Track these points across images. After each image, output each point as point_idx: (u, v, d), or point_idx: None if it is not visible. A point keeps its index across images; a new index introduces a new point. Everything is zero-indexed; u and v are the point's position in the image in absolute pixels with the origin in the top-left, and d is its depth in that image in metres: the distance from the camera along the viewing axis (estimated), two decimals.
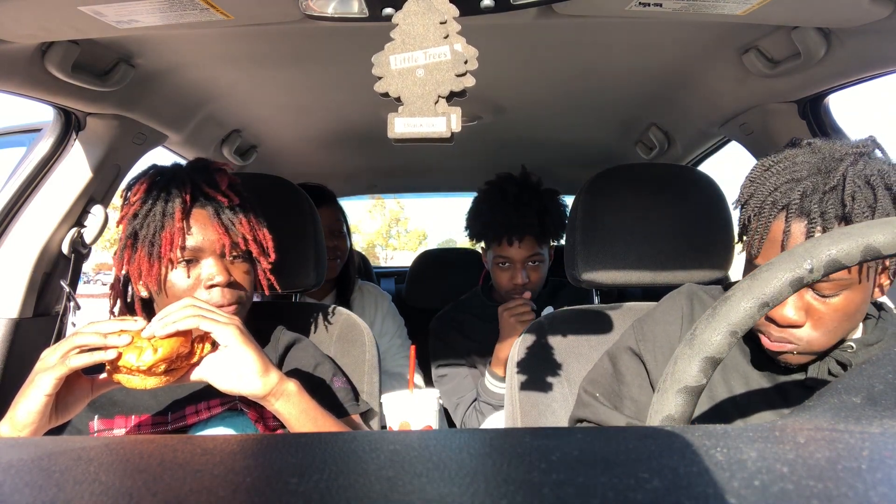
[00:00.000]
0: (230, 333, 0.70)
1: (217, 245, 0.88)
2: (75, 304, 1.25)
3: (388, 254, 32.81)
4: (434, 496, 0.24)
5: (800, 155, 0.74)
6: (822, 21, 0.86)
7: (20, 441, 0.38)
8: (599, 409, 0.89)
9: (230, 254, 0.90)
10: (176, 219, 0.85)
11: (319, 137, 1.77)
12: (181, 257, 0.86)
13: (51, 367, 0.65)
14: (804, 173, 0.71)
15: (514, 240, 1.41)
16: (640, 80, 1.30)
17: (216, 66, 1.18)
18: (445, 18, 0.49)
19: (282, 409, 0.74)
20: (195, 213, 0.88)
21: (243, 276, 0.91)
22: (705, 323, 0.44)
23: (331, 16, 0.75)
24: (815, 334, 0.71)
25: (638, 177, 1.14)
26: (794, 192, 0.70)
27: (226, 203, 0.90)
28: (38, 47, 0.90)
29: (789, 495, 0.23)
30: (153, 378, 0.68)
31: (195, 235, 0.87)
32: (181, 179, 0.89)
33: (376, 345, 1.14)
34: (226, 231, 0.89)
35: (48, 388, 0.64)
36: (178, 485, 0.25)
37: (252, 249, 0.92)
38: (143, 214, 0.87)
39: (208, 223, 0.88)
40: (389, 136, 0.49)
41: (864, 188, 0.68)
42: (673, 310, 0.90)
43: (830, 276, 0.65)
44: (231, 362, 0.71)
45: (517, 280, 1.43)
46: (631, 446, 0.30)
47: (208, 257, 0.88)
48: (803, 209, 0.70)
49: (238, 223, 0.90)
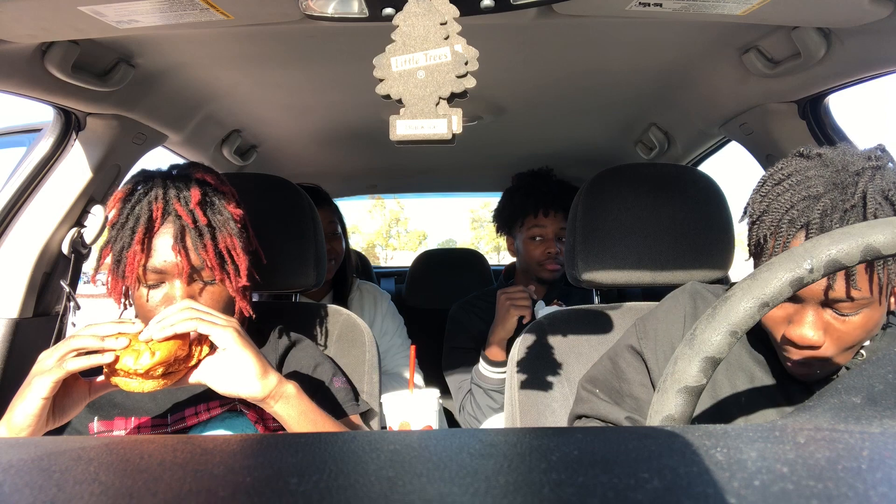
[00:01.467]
0: (228, 336, 0.70)
1: (178, 269, 0.82)
2: (75, 304, 1.25)
3: (388, 254, 32.82)
4: (434, 496, 0.24)
5: (811, 168, 0.72)
6: (822, 21, 0.86)
7: (20, 441, 0.38)
8: (599, 403, 0.89)
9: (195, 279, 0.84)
10: (136, 239, 0.81)
11: (320, 137, 1.77)
12: (146, 279, 0.82)
13: (47, 371, 0.65)
14: (820, 189, 0.69)
15: (550, 210, 1.58)
16: (640, 80, 1.30)
17: (216, 66, 1.18)
18: (446, 19, 0.49)
19: (280, 411, 0.74)
20: (161, 232, 0.83)
21: (211, 301, 0.85)
22: (705, 323, 0.44)
23: (331, 16, 0.75)
24: (836, 351, 0.70)
25: (638, 177, 1.14)
26: (813, 211, 0.68)
27: (191, 224, 0.83)
28: (38, 47, 0.90)
29: (789, 495, 0.23)
30: (151, 381, 0.67)
31: (158, 258, 0.82)
32: (155, 195, 0.84)
33: (376, 345, 1.15)
34: (186, 256, 0.82)
35: (45, 391, 0.64)
36: (178, 485, 0.25)
37: (215, 276, 0.85)
38: (117, 227, 0.84)
39: (171, 245, 0.82)
40: (391, 138, 0.49)
41: (885, 204, 0.67)
42: (675, 308, 0.90)
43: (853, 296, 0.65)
44: (229, 365, 0.70)
45: (551, 249, 1.57)
46: (631, 446, 0.30)
47: (174, 279, 0.83)
48: (824, 228, 0.68)
49: (202, 248, 0.83)
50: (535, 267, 1.61)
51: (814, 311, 0.69)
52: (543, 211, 1.58)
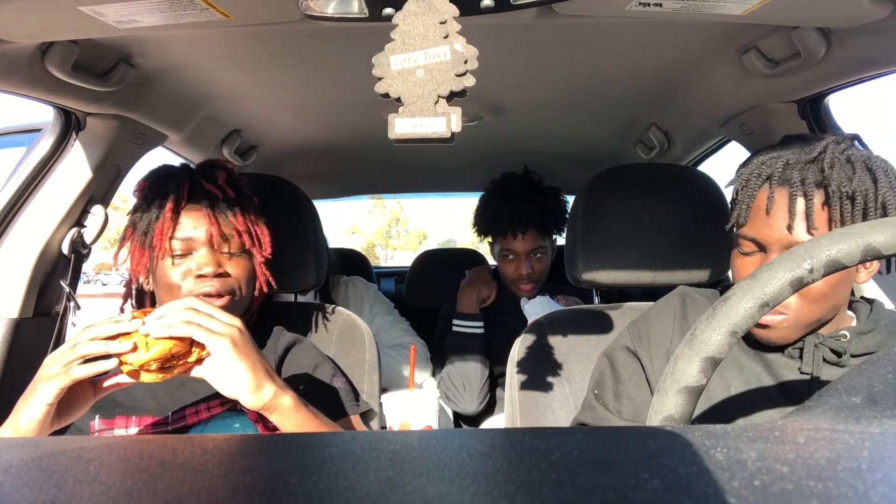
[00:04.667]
0: (223, 347, 0.68)
1: (208, 236, 0.89)
2: (75, 304, 1.25)
3: (388, 254, 32.79)
4: (434, 496, 0.24)
5: (793, 142, 0.80)
6: (822, 21, 0.86)
7: (20, 441, 0.38)
8: (600, 412, 0.90)
9: (223, 247, 0.90)
10: (167, 209, 0.87)
11: (319, 137, 1.77)
12: (173, 249, 0.87)
13: (53, 377, 0.65)
14: (788, 151, 0.78)
15: (518, 233, 1.55)
16: (640, 80, 1.30)
17: (216, 66, 1.17)
18: (445, 18, 0.49)
19: (276, 421, 0.73)
20: (190, 208, 0.90)
21: (238, 270, 0.91)
22: (705, 323, 0.44)
23: (331, 16, 0.75)
24: (802, 303, 0.74)
25: (638, 177, 1.14)
26: (776, 163, 0.78)
27: (220, 196, 0.91)
28: (38, 47, 0.90)
29: (789, 495, 0.23)
30: (147, 374, 0.67)
31: (187, 228, 0.88)
32: (181, 177, 0.92)
33: (376, 345, 1.15)
34: (217, 223, 0.89)
35: (50, 397, 0.65)
36: (178, 485, 0.25)
37: (245, 242, 0.92)
38: (142, 209, 0.90)
39: (201, 215, 0.89)
40: (390, 137, 0.49)
41: (844, 163, 0.74)
42: (666, 310, 0.93)
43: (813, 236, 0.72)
44: (224, 372, 0.70)
45: (521, 271, 1.56)
46: (631, 446, 0.30)
47: (201, 248, 0.89)
48: (785, 177, 0.76)
49: (231, 216, 0.91)
50: (509, 283, 1.63)
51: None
52: (512, 234, 1.55)
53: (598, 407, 0.91)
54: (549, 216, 1.57)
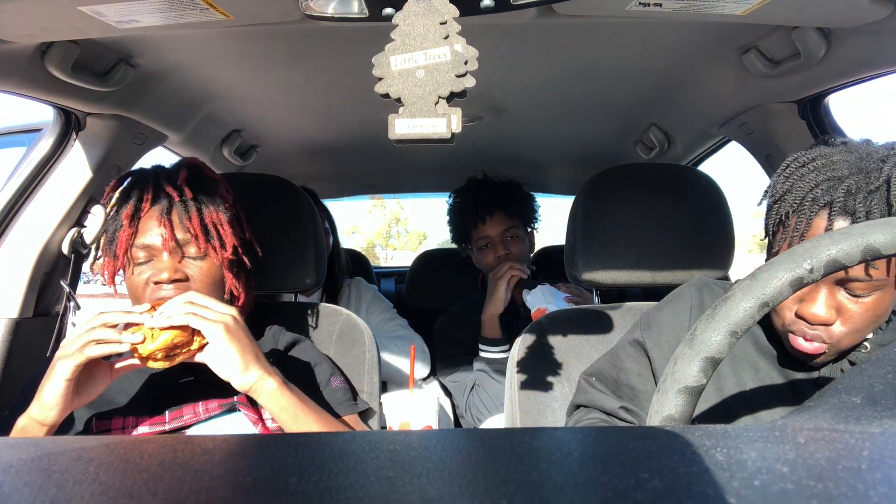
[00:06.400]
0: (217, 331, 0.75)
1: (163, 241, 0.86)
2: (75, 304, 1.25)
3: (388, 254, 32.78)
4: (434, 496, 0.24)
5: (836, 154, 0.73)
6: (822, 21, 0.86)
7: (20, 441, 0.38)
8: (595, 393, 0.90)
9: (188, 250, 0.88)
10: (123, 216, 0.87)
11: (319, 137, 1.77)
12: (136, 257, 0.87)
13: (69, 356, 0.72)
14: (845, 171, 0.70)
15: (486, 216, 1.59)
16: (640, 80, 1.30)
17: (216, 66, 1.17)
18: (445, 19, 0.49)
19: (264, 403, 0.78)
20: (151, 212, 0.87)
21: (200, 275, 0.88)
22: (705, 323, 0.44)
23: (331, 16, 0.75)
24: (845, 332, 0.71)
25: (638, 177, 1.14)
26: (837, 191, 0.70)
27: (176, 198, 0.87)
28: (38, 47, 0.90)
29: (789, 495, 0.23)
30: (154, 362, 0.75)
31: (145, 234, 0.87)
32: (146, 180, 0.89)
33: (376, 345, 1.15)
34: (170, 226, 0.86)
35: (67, 373, 0.72)
36: (178, 485, 0.25)
37: (200, 247, 0.88)
38: (111, 215, 0.90)
39: (158, 221, 0.87)
40: (390, 137, 0.49)
41: None
42: (682, 300, 0.90)
43: (871, 274, 0.66)
44: (219, 356, 0.76)
45: (499, 252, 1.58)
46: (631, 446, 0.30)
47: (161, 254, 0.87)
48: (847, 208, 0.69)
49: (186, 219, 0.87)
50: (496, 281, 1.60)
51: (827, 290, 0.71)
52: (481, 219, 1.60)
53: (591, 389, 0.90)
54: (511, 199, 1.62)
